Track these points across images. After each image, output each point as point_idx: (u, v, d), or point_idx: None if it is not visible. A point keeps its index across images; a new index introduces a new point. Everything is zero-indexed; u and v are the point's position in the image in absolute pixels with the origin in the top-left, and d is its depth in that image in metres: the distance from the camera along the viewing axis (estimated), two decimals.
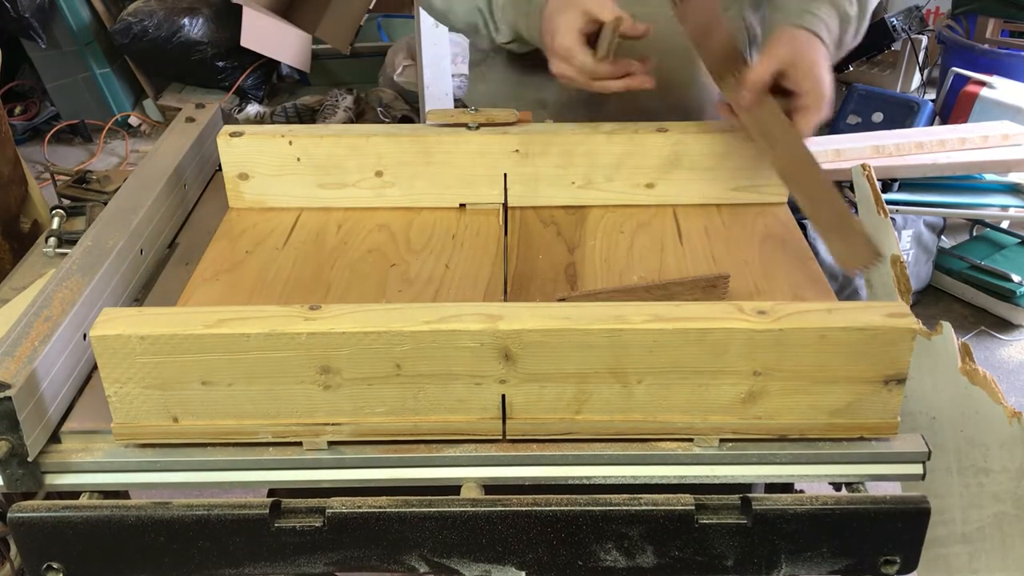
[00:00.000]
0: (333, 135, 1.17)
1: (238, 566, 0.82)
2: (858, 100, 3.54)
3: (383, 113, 4.02)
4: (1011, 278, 2.82)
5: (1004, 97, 3.28)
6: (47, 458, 0.86)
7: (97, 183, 1.37)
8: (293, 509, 0.81)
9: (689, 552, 0.82)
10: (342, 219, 1.19)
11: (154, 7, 4.06)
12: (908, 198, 2.82)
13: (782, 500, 0.80)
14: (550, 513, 0.80)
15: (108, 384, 0.83)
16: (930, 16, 4.24)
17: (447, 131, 1.18)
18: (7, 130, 1.60)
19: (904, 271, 1.07)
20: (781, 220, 1.18)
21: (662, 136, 1.17)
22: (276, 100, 4.42)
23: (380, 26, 4.63)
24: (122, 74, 4.33)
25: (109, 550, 0.81)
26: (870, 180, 1.16)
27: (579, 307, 0.84)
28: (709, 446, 0.86)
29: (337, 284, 1.06)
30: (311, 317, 0.82)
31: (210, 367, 0.82)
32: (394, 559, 0.82)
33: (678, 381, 0.83)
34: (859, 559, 0.82)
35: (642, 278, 1.06)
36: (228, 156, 1.18)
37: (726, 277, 0.99)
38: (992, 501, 0.90)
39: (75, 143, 4.24)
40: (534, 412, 0.85)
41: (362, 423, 0.85)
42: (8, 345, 0.87)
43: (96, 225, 1.08)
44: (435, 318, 0.82)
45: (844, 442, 0.86)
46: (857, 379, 0.83)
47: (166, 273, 1.13)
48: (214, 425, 0.85)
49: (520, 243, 1.14)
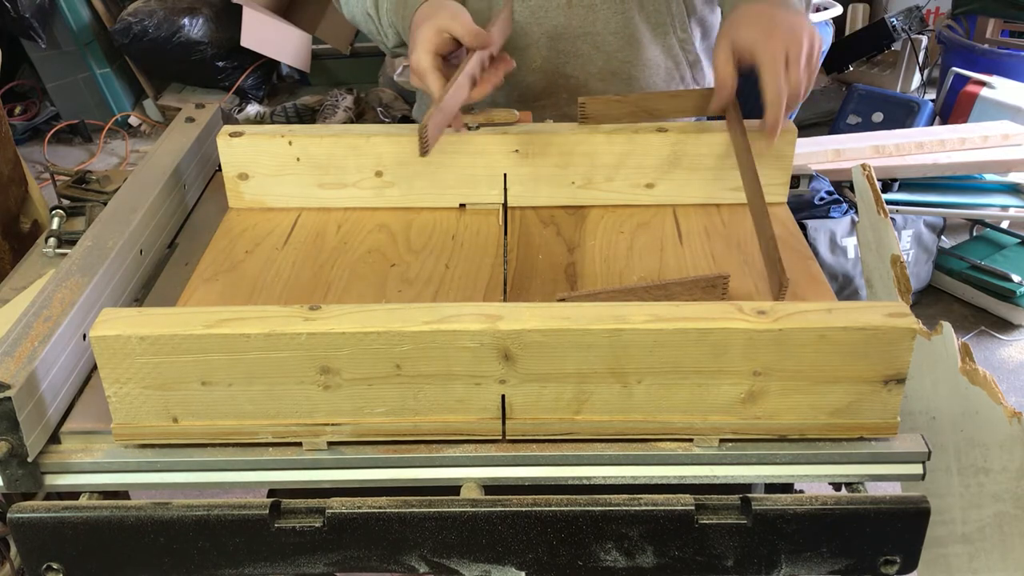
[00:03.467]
0: (333, 135, 1.17)
1: (238, 566, 0.82)
2: (858, 100, 3.55)
3: (383, 113, 4.02)
4: (1011, 278, 2.82)
5: (1004, 97, 3.28)
6: (47, 458, 0.86)
7: (97, 183, 1.37)
8: (293, 509, 0.81)
9: (689, 552, 0.82)
10: (342, 219, 1.19)
11: (154, 7, 4.06)
12: (908, 198, 2.82)
13: (782, 500, 0.80)
14: (550, 513, 0.80)
15: (108, 384, 0.83)
16: (930, 16, 4.24)
17: (447, 131, 1.18)
18: (7, 130, 1.59)
19: (904, 271, 1.06)
20: (781, 220, 1.18)
21: (662, 136, 1.17)
22: (276, 100, 4.42)
23: None
24: (122, 74, 4.33)
25: (109, 550, 0.81)
26: (870, 180, 1.16)
27: (579, 307, 0.84)
28: (709, 446, 0.86)
29: (337, 284, 1.06)
30: (311, 317, 0.82)
31: (210, 367, 0.82)
32: (394, 559, 0.82)
33: (678, 381, 0.83)
34: (859, 559, 0.82)
35: (642, 278, 1.06)
36: (228, 156, 1.18)
37: (725, 277, 0.99)
38: (992, 501, 0.90)
39: (75, 143, 4.25)
40: (534, 412, 0.85)
41: (362, 423, 0.85)
42: (8, 345, 0.87)
43: (96, 225, 1.08)
44: (435, 318, 0.82)
45: (844, 442, 0.86)
46: (857, 379, 0.83)
47: (166, 273, 1.13)
48: (214, 425, 0.85)
49: (520, 243, 1.14)
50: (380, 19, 1.25)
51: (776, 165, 1.18)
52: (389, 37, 1.26)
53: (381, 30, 1.26)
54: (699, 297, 0.98)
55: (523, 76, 1.31)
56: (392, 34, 1.25)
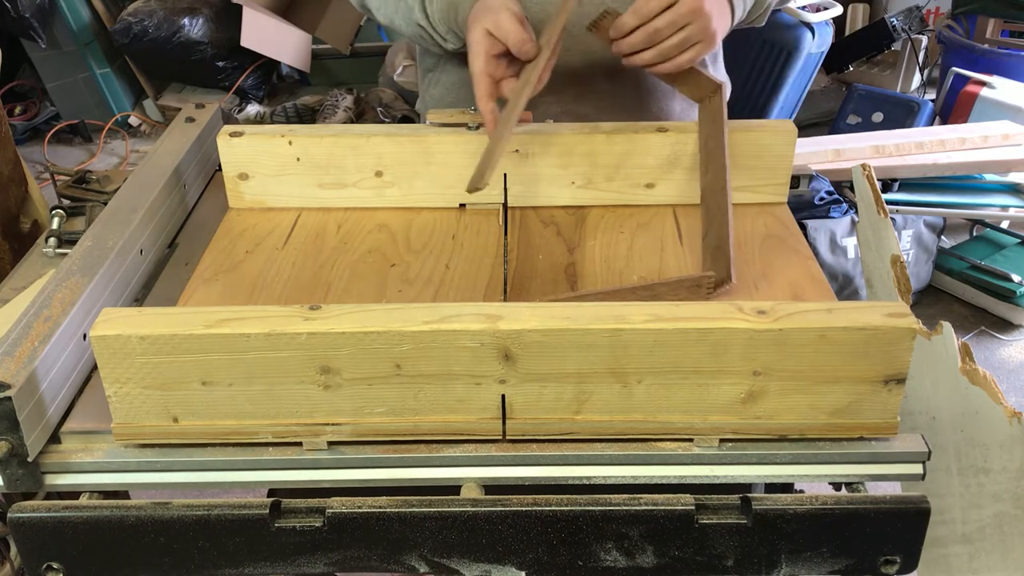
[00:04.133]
0: (333, 135, 1.17)
1: (238, 566, 0.82)
2: (858, 100, 3.55)
3: (383, 113, 4.02)
4: (1011, 278, 2.82)
5: (1004, 97, 3.28)
6: (47, 458, 0.86)
7: (97, 183, 1.37)
8: (293, 509, 0.81)
9: (689, 552, 0.82)
10: (342, 219, 1.19)
11: (154, 7, 4.06)
12: (908, 198, 2.82)
13: (782, 500, 0.80)
14: (550, 513, 0.80)
15: (108, 384, 0.83)
16: (930, 16, 4.24)
17: (447, 131, 1.18)
18: (7, 130, 1.59)
19: (904, 271, 1.06)
20: (781, 220, 1.18)
21: (662, 136, 1.17)
22: (276, 100, 4.42)
23: (380, 26, 4.62)
24: (122, 74, 4.33)
25: (109, 550, 0.81)
26: (870, 180, 1.16)
27: (579, 307, 0.84)
28: (709, 446, 0.86)
29: (337, 284, 1.06)
30: (311, 317, 0.82)
31: (210, 367, 0.82)
32: (394, 559, 0.82)
33: (678, 381, 0.83)
34: (859, 559, 0.82)
35: (642, 278, 1.06)
36: (228, 156, 1.18)
37: (710, 276, 0.99)
38: (992, 501, 0.90)
39: (75, 143, 4.24)
40: (534, 412, 0.85)
41: (362, 423, 0.85)
42: (8, 345, 0.87)
43: (96, 225, 1.08)
44: (435, 318, 0.82)
45: (844, 442, 0.86)
46: (857, 379, 0.83)
47: (166, 273, 1.13)
48: (214, 425, 0.85)
49: (520, 243, 1.14)
50: (435, 27, 1.24)
51: (776, 165, 1.18)
52: (450, 41, 1.25)
53: (437, 35, 1.25)
54: (684, 297, 0.98)
55: None
56: (453, 38, 1.24)
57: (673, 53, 1.11)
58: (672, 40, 1.09)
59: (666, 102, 1.37)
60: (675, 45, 1.10)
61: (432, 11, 1.23)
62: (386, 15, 1.31)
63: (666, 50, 1.10)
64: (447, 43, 1.25)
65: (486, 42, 1.10)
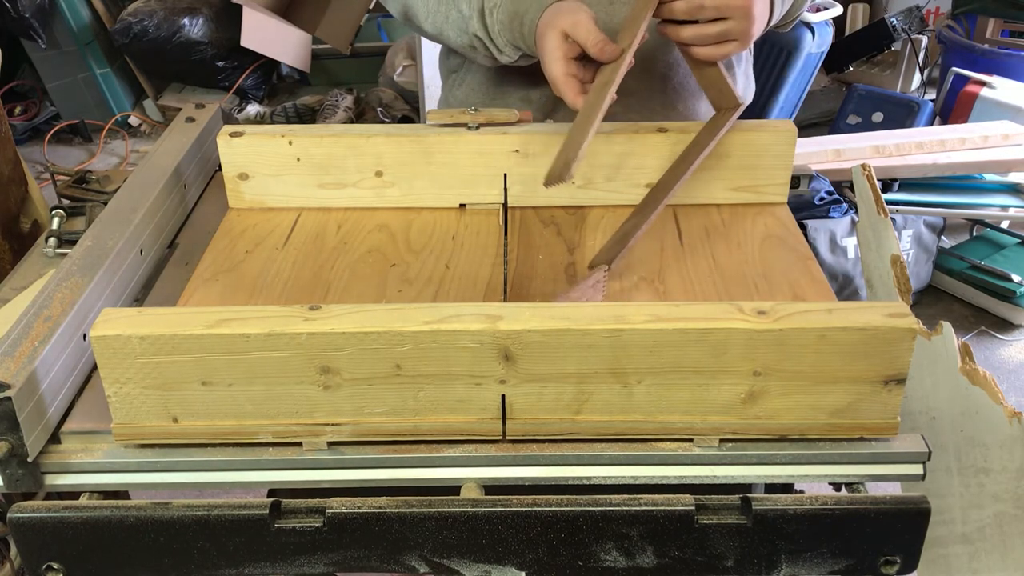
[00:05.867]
0: (333, 135, 1.17)
1: (238, 566, 0.82)
2: (858, 100, 3.55)
3: (383, 113, 4.02)
4: (1011, 278, 2.83)
5: (1004, 97, 3.28)
6: (47, 458, 0.86)
7: (97, 183, 1.37)
8: (293, 509, 0.81)
9: (689, 552, 0.82)
10: (342, 219, 1.19)
11: (154, 7, 4.07)
12: (908, 198, 2.83)
13: (782, 500, 0.80)
14: (550, 513, 0.80)
15: (108, 384, 0.83)
16: (930, 16, 4.25)
17: (447, 131, 1.18)
18: (7, 130, 1.59)
19: (904, 271, 1.06)
20: (781, 220, 1.18)
21: (662, 136, 1.17)
22: (276, 100, 4.42)
23: (380, 26, 4.63)
24: (122, 74, 4.33)
25: (109, 550, 0.81)
26: (870, 180, 1.16)
27: (579, 307, 0.84)
28: (709, 446, 0.86)
29: (337, 284, 1.06)
30: (311, 317, 0.82)
31: (210, 367, 0.82)
32: (394, 559, 0.82)
33: (678, 381, 0.83)
34: (859, 559, 0.82)
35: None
36: (228, 156, 1.18)
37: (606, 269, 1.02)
38: (992, 501, 0.90)
39: (75, 143, 4.25)
40: (534, 412, 0.85)
41: (362, 423, 0.85)
42: (8, 345, 0.87)
43: (96, 225, 1.08)
44: (435, 318, 0.82)
45: (844, 442, 0.86)
46: (857, 379, 0.83)
47: (166, 273, 1.13)
48: (214, 425, 0.85)
49: (520, 243, 1.14)
50: (493, 39, 1.21)
51: (776, 165, 1.18)
52: (506, 53, 1.23)
53: (494, 47, 1.23)
54: (590, 297, 0.99)
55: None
56: (510, 50, 1.22)
57: (709, 41, 1.11)
58: (712, 29, 1.09)
59: (693, 102, 1.36)
60: (714, 34, 1.10)
61: (492, 22, 1.20)
62: (434, 25, 1.28)
63: (704, 35, 1.10)
64: (502, 55, 1.23)
65: (564, 46, 1.09)
